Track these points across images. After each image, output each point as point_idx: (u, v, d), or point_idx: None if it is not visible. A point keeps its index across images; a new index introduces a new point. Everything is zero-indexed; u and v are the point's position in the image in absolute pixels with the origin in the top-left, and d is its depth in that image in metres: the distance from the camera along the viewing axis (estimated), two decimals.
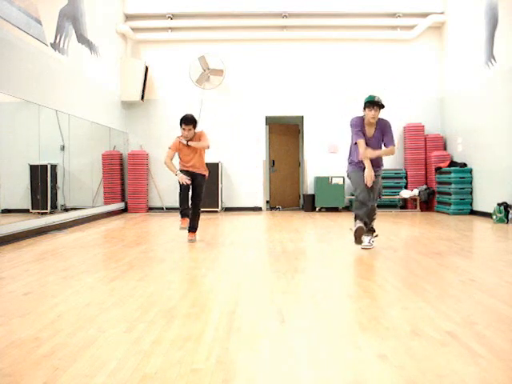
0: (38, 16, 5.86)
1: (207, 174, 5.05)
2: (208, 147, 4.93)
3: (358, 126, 4.34)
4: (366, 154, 4.25)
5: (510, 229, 6.11)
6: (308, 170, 9.59)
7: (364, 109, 4.31)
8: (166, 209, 9.22)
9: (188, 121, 4.78)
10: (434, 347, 1.96)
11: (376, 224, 4.61)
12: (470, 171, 8.07)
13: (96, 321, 2.34)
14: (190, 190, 4.92)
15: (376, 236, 4.40)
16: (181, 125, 4.80)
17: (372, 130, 4.37)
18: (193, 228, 4.99)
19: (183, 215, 4.85)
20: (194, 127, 4.84)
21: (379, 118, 4.36)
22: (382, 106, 4.27)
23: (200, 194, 4.96)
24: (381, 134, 4.36)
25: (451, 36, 8.93)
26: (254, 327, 2.26)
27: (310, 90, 9.49)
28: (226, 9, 9.20)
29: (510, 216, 6.60)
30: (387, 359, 1.84)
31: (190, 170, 4.90)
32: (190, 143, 4.81)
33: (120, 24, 8.98)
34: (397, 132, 9.47)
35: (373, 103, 4.22)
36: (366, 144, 4.32)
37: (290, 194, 10.70)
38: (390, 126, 4.38)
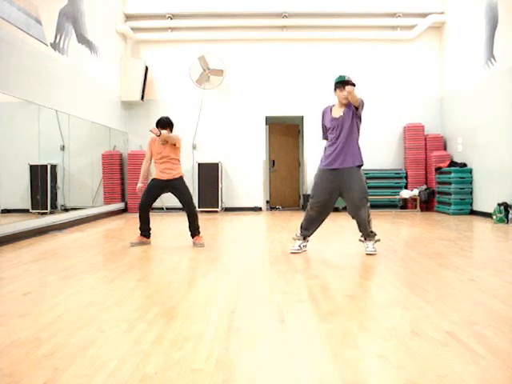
0: (37, 16, 5.86)
1: (182, 175, 4.88)
2: (176, 143, 4.75)
3: (323, 119, 4.27)
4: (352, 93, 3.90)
5: (510, 229, 6.11)
6: (308, 170, 9.59)
7: (335, 90, 4.14)
8: (166, 209, 9.21)
9: (163, 123, 4.73)
10: (434, 347, 1.96)
11: (376, 224, 4.59)
12: (470, 171, 8.07)
13: (96, 321, 2.34)
14: (163, 197, 4.92)
15: (378, 241, 4.35)
16: (156, 127, 4.71)
17: (341, 109, 4.15)
18: (195, 230, 4.85)
19: (142, 231, 4.86)
20: (171, 130, 4.80)
21: None
22: (354, 85, 4.03)
23: (189, 200, 4.80)
24: (351, 110, 4.09)
25: (451, 36, 8.93)
26: (254, 327, 2.26)
27: (310, 89, 9.48)
28: (226, 9, 9.20)
29: (510, 216, 6.60)
30: (387, 359, 1.84)
31: (165, 177, 4.75)
32: (162, 134, 4.57)
33: (120, 24, 8.98)
34: (397, 132, 9.50)
35: (343, 83, 4.04)
36: (331, 127, 4.15)
37: (290, 193, 10.70)
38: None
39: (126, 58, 9.25)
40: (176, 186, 4.81)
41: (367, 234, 4.26)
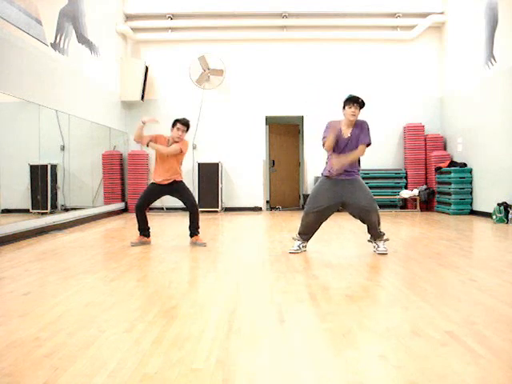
0: (38, 16, 5.86)
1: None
2: (179, 151, 4.73)
3: (327, 129, 4.19)
4: (337, 163, 4.06)
5: (510, 229, 6.11)
6: (308, 170, 9.59)
7: (344, 107, 4.15)
8: (166, 209, 9.21)
9: (185, 123, 4.76)
10: (433, 347, 1.96)
11: None
12: (470, 171, 8.07)
13: (96, 321, 2.34)
14: (162, 198, 4.95)
15: (387, 240, 4.33)
16: (175, 124, 4.73)
17: (349, 130, 4.16)
18: (196, 231, 4.83)
19: (141, 231, 4.86)
20: (187, 131, 4.82)
21: (358, 120, 4.19)
22: (363, 104, 4.10)
23: (191, 197, 4.82)
24: (359, 132, 4.14)
25: (451, 36, 8.93)
26: (254, 327, 2.26)
27: (310, 89, 9.49)
28: (226, 9, 9.20)
29: (510, 216, 6.60)
30: (387, 359, 1.84)
31: (166, 181, 4.73)
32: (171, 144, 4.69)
33: (120, 24, 8.98)
34: (397, 132, 9.50)
35: (353, 99, 4.07)
36: (342, 146, 4.14)
37: (290, 193, 10.70)
38: (367, 125, 4.17)
39: (126, 58, 9.26)
40: (179, 187, 4.80)
41: (377, 234, 4.24)
